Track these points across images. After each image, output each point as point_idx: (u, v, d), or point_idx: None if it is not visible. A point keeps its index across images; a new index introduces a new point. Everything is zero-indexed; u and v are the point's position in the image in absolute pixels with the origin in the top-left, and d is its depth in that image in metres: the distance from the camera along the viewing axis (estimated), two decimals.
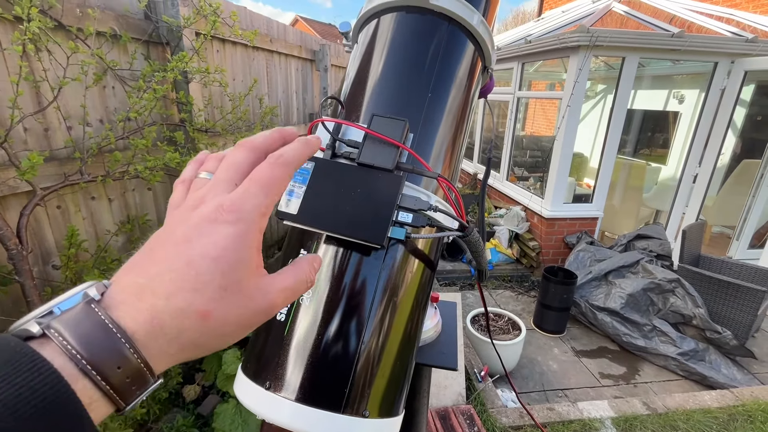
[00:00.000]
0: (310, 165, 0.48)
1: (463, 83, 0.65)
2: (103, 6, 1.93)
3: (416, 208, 0.45)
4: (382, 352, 0.51)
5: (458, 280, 4.21)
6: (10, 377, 0.19)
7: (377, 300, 0.50)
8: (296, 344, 0.49)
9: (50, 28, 1.61)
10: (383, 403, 0.51)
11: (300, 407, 0.46)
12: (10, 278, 1.56)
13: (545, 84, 7.52)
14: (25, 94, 1.65)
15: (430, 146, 0.58)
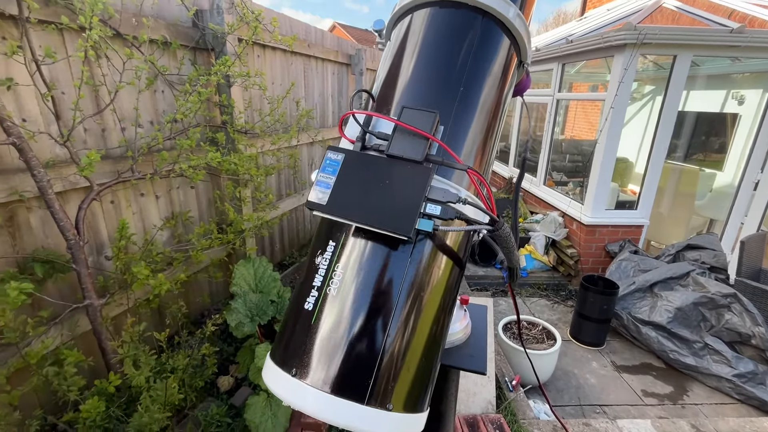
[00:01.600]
0: (340, 157, 0.48)
1: (497, 78, 0.63)
2: (156, 15, 2.07)
3: (445, 201, 0.45)
4: (408, 346, 0.50)
5: (491, 286, 4.10)
6: None
7: (404, 294, 0.50)
8: (322, 334, 0.49)
9: (109, 36, 1.74)
10: (408, 398, 0.51)
11: (324, 395, 0.46)
12: (69, 266, 1.70)
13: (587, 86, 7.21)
14: (86, 98, 1.79)
15: (461, 140, 0.58)
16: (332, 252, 0.53)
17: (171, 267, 2.23)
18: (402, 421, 0.49)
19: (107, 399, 1.67)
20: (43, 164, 1.56)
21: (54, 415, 1.61)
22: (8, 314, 1.44)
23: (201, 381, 1.94)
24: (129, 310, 2.00)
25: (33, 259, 1.64)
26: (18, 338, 1.48)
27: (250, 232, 2.65)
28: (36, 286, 1.65)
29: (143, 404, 1.47)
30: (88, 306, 1.73)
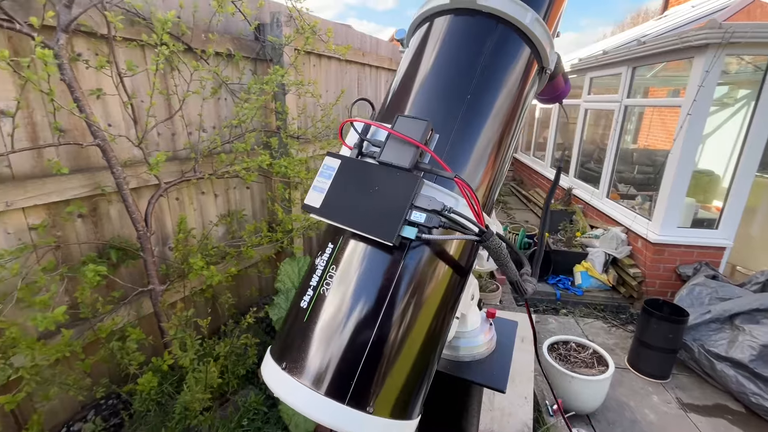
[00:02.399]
0: (336, 163, 0.50)
1: (511, 85, 0.61)
2: (223, 30, 2.28)
3: (430, 209, 0.44)
4: (395, 352, 0.50)
5: (540, 303, 3.88)
6: None
7: (394, 301, 0.50)
8: (312, 332, 0.52)
9: (181, 51, 1.95)
10: (394, 404, 0.51)
11: (308, 391, 0.48)
12: (138, 254, 1.92)
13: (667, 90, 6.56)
14: (160, 105, 2.02)
15: (468, 147, 0.57)
16: (329, 254, 0.55)
17: (224, 261, 2.42)
18: (385, 425, 0.49)
19: (161, 376, 1.86)
20: (122, 163, 1.78)
21: (117, 385, 1.82)
22: (87, 292, 1.66)
23: (243, 369, 2.07)
24: (185, 298, 2.19)
25: (110, 246, 1.88)
26: (91, 314, 1.70)
27: (298, 232, 2.78)
28: (111, 270, 1.88)
29: (189, 383, 1.61)
30: (152, 291, 1.93)
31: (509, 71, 0.61)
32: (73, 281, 1.75)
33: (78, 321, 1.75)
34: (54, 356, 1.53)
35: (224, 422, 1.86)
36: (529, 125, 8.62)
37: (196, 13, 2.02)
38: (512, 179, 9.04)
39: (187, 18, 2.03)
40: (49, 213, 1.66)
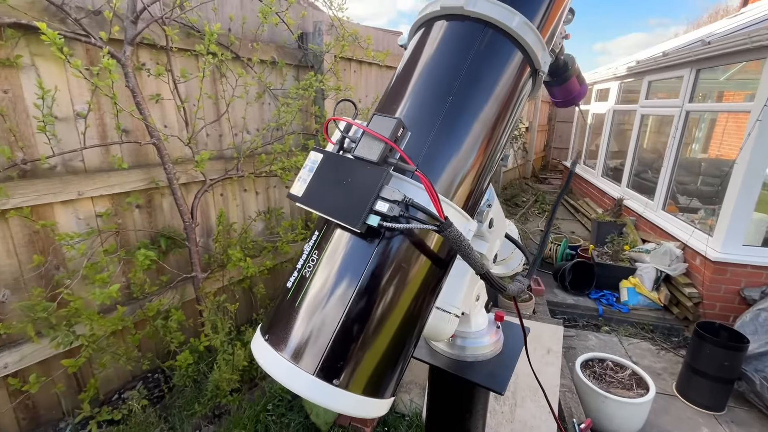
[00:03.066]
0: (319, 157, 0.56)
1: (498, 85, 0.63)
2: (268, 39, 2.45)
3: (392, 199, 0.48)
4: (364, 332, 0.54)
5: (581, 318, 3.67)
6: None
7: (365, 283, 0.54)
8: (292, 309, 0.57)
9: (230, 59, 2.13)
10: (366, 382, 0.55)
11: (284, 360, 0.53)
12: (184, 243, 2.11)
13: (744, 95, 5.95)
14: (210, 109, 2.22)
15: (449, 145, 0.60)
16: (314, 240, 0.60)
17: (261, 254, 2.58)
18: (354, 400, 0.53)
19: (198, 356, 2.02)
20: (173, 161, 1.98)
21: (160, 360, 2.02)
22: (139, 274, 1.87)
23: None
24: (224, 287, 2.37)
25: (161, 234, 2.09)
26: (141, 295, 1.91)
27: None
28: (161, 256, 2.09)
29: (219, 363, 1.75)
30: (194, 278, 2.12)
31: (495, 73, 0.63)
32: (129, 264, 1.97)
33: (131, 300, 1.97)
34: (110, 328, 1.74)
35: (251, 405, 1.99)
36: (581, 132, 8.20)
37: (244, 24, 2.19)
38: (560, 187, 8.63)
39: (237, 29, 2.22)
40: (112, 202, 1.88)
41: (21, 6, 1.43)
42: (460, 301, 0.96)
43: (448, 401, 1.14)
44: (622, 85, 6.03)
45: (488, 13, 0.61)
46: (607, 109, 6.44)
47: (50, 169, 1.64)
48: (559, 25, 0.75)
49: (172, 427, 1.81)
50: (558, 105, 1.05)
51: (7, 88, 1.51)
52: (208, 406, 1.90)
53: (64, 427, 1.78)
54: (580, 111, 1.03)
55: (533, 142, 9.06)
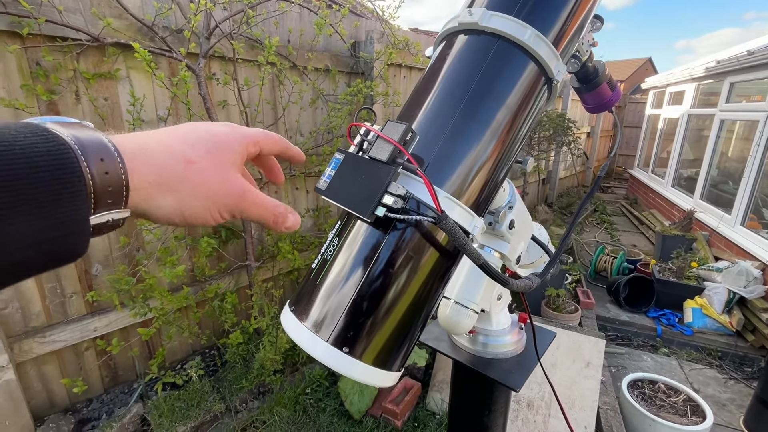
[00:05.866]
0: (342, 156, 0.65)
1: (509, 95, 0.69)
2: (323, 49, 2.63)
3: (396, 194, 0.56)
4: (374, 309, 0.63)
5: (636, 337, 3.42)
6: (29, 129, 0.23)
7: (375, 267, 0.63)
8: (314, 286, 0.67)
9: (288, 68, 2.33)
10: (377, 355, 0.63)
11: (305, 330, 0.63)
12: (241, 234, 2.34)
13: None
14: (268, 114, 2.44)
15: (457, 150, 0.66)
16: (337, 228, 0.70)
17: (308, 249, 2.76)
18: (364, 368, 0.62)
19: (248, 337, 2.23)
20: None
21: (215, 337, 2.25)
22: (202, 259, 2.11)
23: None
24: (274, 277, 2.58)
25: (221, 226, 2.34)
26: (203, 278, 2.15)
27: None
28: (221, 245, 2.34)
29: (264, 344, 1.92)
30: (248, 266, 2.34)
31: (506, 82, 0.69)
32: (194, 250, 2.23)
33: (195, 282, 2.23)
34: (177, 305, 1.99)
35: (291, 386, 2.15)
36: (650, 138, 7.57)
37: (302, 36, 2.39)
38: (624, 198, 8.03)
39: (295, 40, 2.41)
40: None
41: (120, 27, 1.70)
42: (479, 298, 1.01)
43: (468, 396, 1.18)
44: (700, 87, 5.50)
45: (501, 28, 0.67)
46: (681, 113, 5.91)
47: None
48: (580, 34, 0.78)
49: (222, 397, 2.02)
50: (590, 111, 1.06)
51: (107, 96, 1.80)
52: (254, 383, 2.09)
53: (136, 387, 2.07)
54: (615, 117, 1.03)
55: (595, 148, 8.54)
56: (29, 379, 1.82)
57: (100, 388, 2.08)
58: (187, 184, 0.31)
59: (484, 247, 0.99)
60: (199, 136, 0.33)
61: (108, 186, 0.26)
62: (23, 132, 0.23)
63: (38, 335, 1.77)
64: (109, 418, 1.89)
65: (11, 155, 0.21)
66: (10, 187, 0.21)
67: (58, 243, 0.24)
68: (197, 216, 0.32)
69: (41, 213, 0.22)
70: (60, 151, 0.24)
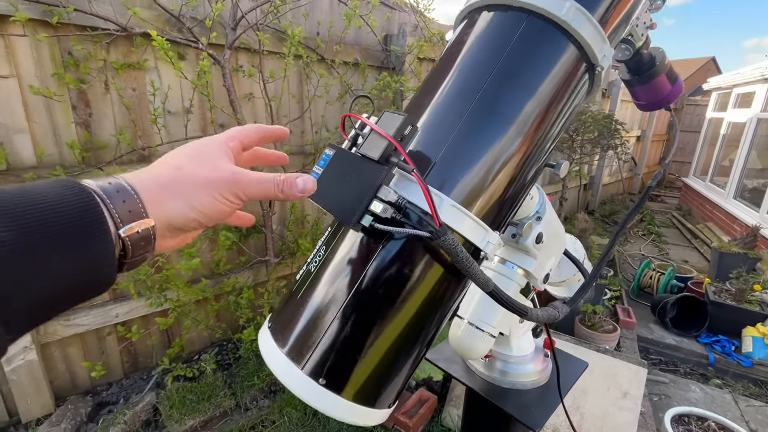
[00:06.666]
0: (332, 152, 0.55)
1: (538, 84, 0.56)
2: (353, 42, 2.55)
3: (387, 200, 0.46)
4: (358, 335, 0.53)
5: (683, 363, 3.10)
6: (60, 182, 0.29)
7: (363, 284, 0.52)
8: (295, 301, 0.58)
9: (315, 61, 2.27)
10: (359, 388, 0.53)
11: (278, 350, 0.55)
12: (261, 229, 2.32)
13: None
14: (294, 107, 2.39)
15: (470, 149, 0.55)
16: (326, 235, 0.60)
17: None
18: (339, 404, 0.52)
19: None
20: None
21: (231, 332, 2.24)
22: (221, 252, 2.10)
23: None
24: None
25: None
26: (222, 271, 2.14)
27: None
28: (242, 239, 2.32)
29: None
30: (267, 261, 2.31)
31: (535, 67, 0.56)
32: (215, 243, 2.23)
33: (214, 275, 2.23)
34: (194, 297, 1.99)
35: None
36: (710, 144, 6.92)
37: (331, 28, 2.32)
38: (676, 208, 7.40)
39: (324, 32, 2.35)
40: None
41: (149, 18, 1.70)
42: (496, 320, 0.88)
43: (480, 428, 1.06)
44: None
45: (532, 0, 0.54)
46: (749, 117, 5.32)
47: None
48: (634, 12, 0.64)
49: (234, 393, 2.00)
50: (643, 108, 0.89)
51: (135, 86, 1.82)
52: (266, 381, 2.05)
53: (153, 375, 2.10)
54: (674, 116, 0.86)
55: (645, 153, 7.93)
56: (53, 360, 1.88)
57: (120, 373, 2.13)
58: (183, 182, 0.35)
59: (506, 263, 0.86)
60: (181, 150, 0.39)
61: (129, 210, 0.32)
62: (59, 187, 0.29)
63: (63, 318, 1.82)
64: (125, 404, 1.92)
65: (48, 209, 0.27)
66: (43, 232, 0.26)
67: (93, 274, 0.29)
68: (207, 205, 0.36)
69: (77, 250, 0.28)
70: (84, 200, 0.29)
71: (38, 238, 0.26)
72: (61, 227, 0.27)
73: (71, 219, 0.28)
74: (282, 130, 0.50)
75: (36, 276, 0.26)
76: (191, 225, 0.36)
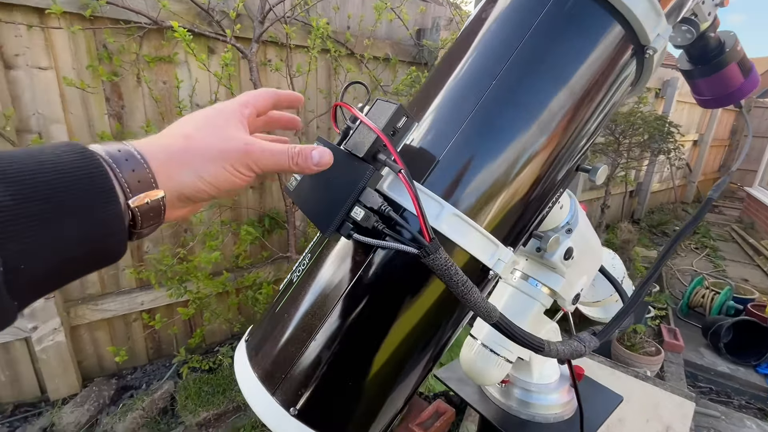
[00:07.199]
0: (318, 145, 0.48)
1: (571, 70, 0.46)
2: (385, 36, 2.47)
3: (369, 206, 0.38)
4: (336, 361, 0.45)
5: (738, 395, 2.77)
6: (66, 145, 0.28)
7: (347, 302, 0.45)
8: (273, 314, 0.51)
9: (344, 55, 2.22)
10: (335, 422, 0.46)
11: (249, 370, 0.48)
12: (284, 225, 2.31)
13: None
14: (322, 103, 2.36)
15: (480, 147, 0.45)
16: (314, 241, 0.54)
17: None
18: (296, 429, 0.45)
19: None
20: None
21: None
22: (243, 247, 2.11)
23: None
24: None
25: (266, 214, 2.32)
26: (242, 265, 2.14)
27: None
28: (265, 234, 2.32)
29: None
30: (288, 257, 2.29)
31: (570, 50, 0.46)
32: (238, 236, 2.23)
33: (237, 268, 2.24)
34: (214, 290, 2.00)
35: None
36: None
37: (362, 22, 2.25)
38: (737, 220, 6.74)
39: (355, 26, 2.29)
40: None
41: (179, 11, 1.72)
42: (514, 344, 0.78)
43: None
44: None
45: None
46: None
47: None
48: None
49: None
50: (705, 105, 0.75)
51: (165, 79, 1.85)
52: None
53: (173, 364, 2.14)
54: (746, 116, 0.72)
55: (702, 159, 7.29)
56: (82, 342, 1.96)
57: (144, 359, 2.19)
58: (193, 153, 0.34)
59: (529, 279, 0.75)
60: (192, 117, 0.37)
61: (138, 179, 0.30)
62: (66, 151, 0.28)
63: (92, 302, 1.89)
64: (146, 389, 1.97)
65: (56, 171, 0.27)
66: (51, 198, 0.26)
67: (102, 242, 0.29)
68: (218, 177, 0.35)
69: (85, 217, 0.27)
70: (94, 169, 0.28)
71: (46, 204, 0.25)
72: (68, 195, 0.26)
73: (82, 186, 0.27)
74: (296, 95, 0.47)
75: (41, 244, 0.25)
76: (201, 196, 0.35)
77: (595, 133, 0.52)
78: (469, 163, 0.45)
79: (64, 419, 1.72)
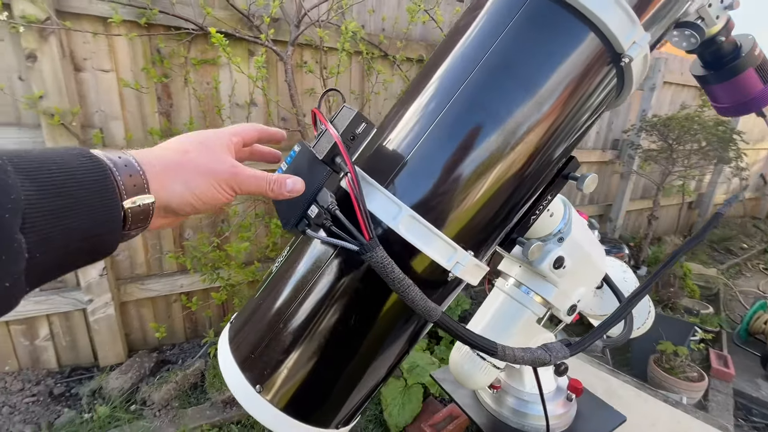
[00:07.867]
0: (299, 149, 0.52)
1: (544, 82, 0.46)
2: (420, 38, 2.48)
3: (322, 205, 0.41)
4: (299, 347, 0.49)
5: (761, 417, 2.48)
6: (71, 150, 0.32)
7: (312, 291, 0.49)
8: (252, 299, 0.56)
9: (378, 57, 2.26)
10: (292, 401, 0.50)
11: (226, 346, 0.54)
12: None
13: None
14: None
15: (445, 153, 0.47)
16: (293, 238, 0.58)
17: None
18: (273, 414, 0.49)
19: None
20: None
21: None
22: (272, 238, 2.22)
23: None
24: None
25: None
26: (273, 257, 2.26)
27: None
28: None
29: None
30: None
31: (537, 59, 0.46)
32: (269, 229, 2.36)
33: (268, 260, 2.36)
34: (245, 278, 2.13)
35: None
36: None
37: (396, 24, 2.28)
38: None
39: (389, 29, 2.33)
40: None
41: (223, 18, 1.85)
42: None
43: None
44: None
45: None
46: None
47: None
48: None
49: None
50: (726, 113, 0.70)
51: (209, 81, 1.99)
52: None
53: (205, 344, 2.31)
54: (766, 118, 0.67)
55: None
56: (130, 317, 2.17)
57: (182, 337, 2.38)
58: (187, 168, 0.38)
59: (521, 286, 0.75)
60: (189, 136, 0.41)
61: (133, 184, 0.34)
62: (76, 155, 0.32)
63: (139, 282, 2.09)
64: (181, 365, 2.14)
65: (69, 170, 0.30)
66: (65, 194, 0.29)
67: (101, 237, 0.32)
68: (205, 193, 0.38)
69: (91, 213, 0.30)
70: (100, 170, 0.32)
71: (61, 201, 0.28)
72: (81, 193, 0.30)
73: (90, 186, 0.30)
74: (279, 132, 0.53)
75: (55, 236, 0.28)
76: (186, 209, 0.38)
77: (570, 140, 0.51)
78: (433, 165, 0.47)
79: (110, 384, 1.92)
